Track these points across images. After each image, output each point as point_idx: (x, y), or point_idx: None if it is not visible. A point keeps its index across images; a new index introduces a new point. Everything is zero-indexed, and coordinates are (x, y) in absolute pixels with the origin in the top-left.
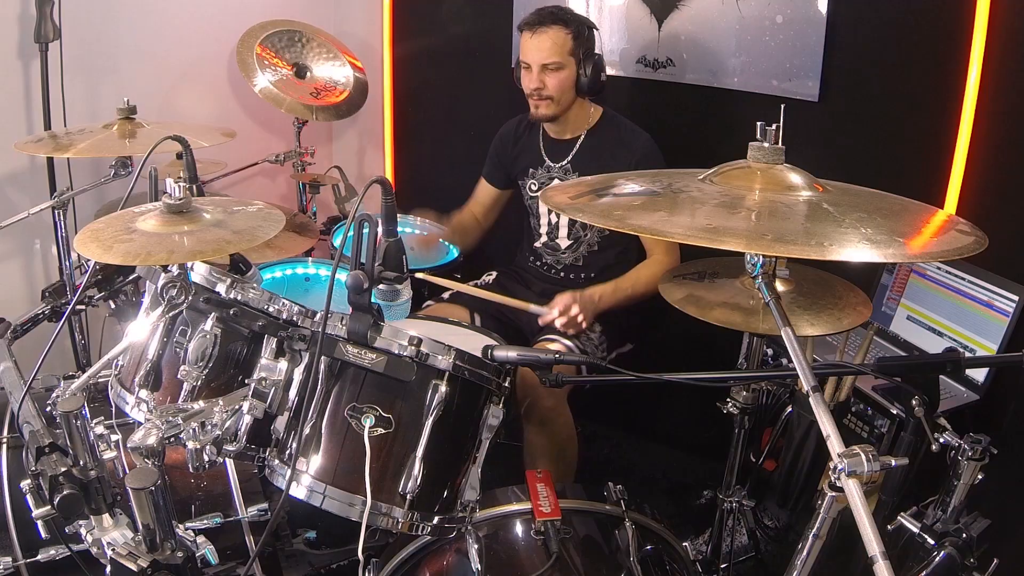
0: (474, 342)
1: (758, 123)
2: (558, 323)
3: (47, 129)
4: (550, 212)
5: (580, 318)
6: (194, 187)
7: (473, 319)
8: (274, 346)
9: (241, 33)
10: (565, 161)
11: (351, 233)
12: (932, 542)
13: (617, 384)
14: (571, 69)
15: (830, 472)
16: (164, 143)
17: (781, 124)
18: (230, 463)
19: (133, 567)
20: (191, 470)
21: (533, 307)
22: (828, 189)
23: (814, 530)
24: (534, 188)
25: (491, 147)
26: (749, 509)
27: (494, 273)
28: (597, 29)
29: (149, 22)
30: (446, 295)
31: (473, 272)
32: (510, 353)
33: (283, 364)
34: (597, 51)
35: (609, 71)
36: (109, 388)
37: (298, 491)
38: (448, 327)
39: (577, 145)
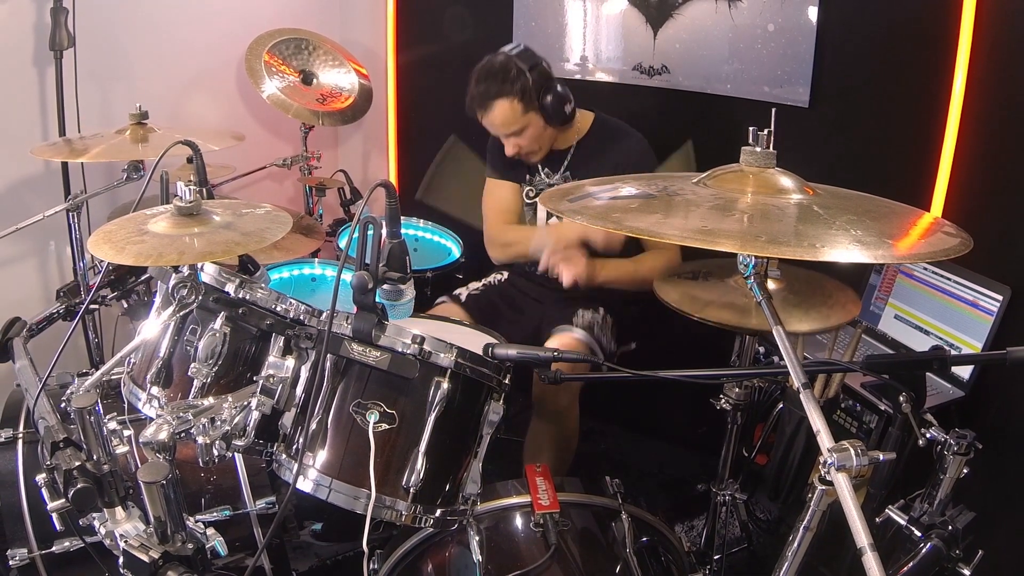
0: (475, 340)
1: (750, 128)
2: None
3: (61, 134)
4: (548, 217)
5: (572, 254)
6: (204, 190)
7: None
8: (281, 344)
9: (250, 41)
10: (563, 170)
11: (356, 235)
12: (919, 534)
13: (615, 381)
14: (535, 121)
15: (820, 466)
16: (175, 147)
17: (772, 129)
18: (239, 457)
19: (145, 558)
20: (201, 464)
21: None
22: (818, 192)
23: (804, 522)
24: (532, 195)
25: (492, 149)
26: (741, 502)
27: (506, 273)
28: (542, 61)
29: (160, 30)
30: (461, 295)
31: (476, 273)
32: (510, 351)
33: (290, 362)
34: (552, 80)
35: (605, 78)
36: (122, 385)
37: (305, 484)
38: (450, 326)
39: (570, 154)
